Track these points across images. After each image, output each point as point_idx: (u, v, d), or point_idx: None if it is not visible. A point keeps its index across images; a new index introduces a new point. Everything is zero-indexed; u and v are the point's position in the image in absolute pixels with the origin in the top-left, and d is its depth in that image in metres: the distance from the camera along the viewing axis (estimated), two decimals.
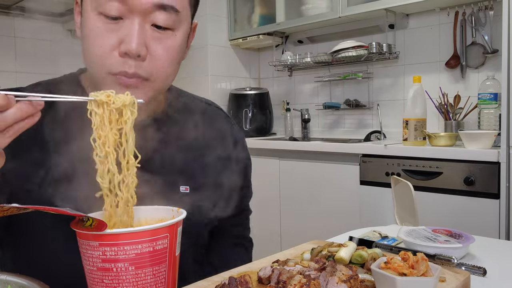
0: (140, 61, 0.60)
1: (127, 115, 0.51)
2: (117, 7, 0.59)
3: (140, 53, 0.59)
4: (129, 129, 0.50)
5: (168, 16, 0.61)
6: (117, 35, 0.60)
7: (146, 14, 0.60)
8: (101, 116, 0.49)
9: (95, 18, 0.60)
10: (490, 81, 1.91)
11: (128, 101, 0.51)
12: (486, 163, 1.62)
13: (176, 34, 0.63)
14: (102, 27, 0.60)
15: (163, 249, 0.47)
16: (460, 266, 0.67)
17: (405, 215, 1.00)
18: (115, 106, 0.50)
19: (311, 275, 0.53)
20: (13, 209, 0.41)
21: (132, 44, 0.58)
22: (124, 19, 0.60)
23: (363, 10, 2.21)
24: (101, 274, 0.45)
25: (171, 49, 0.63)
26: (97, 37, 0.60)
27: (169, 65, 0.64)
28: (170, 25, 0.62)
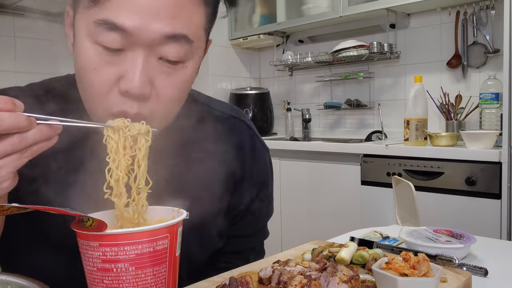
0: (143, 100, 0.51)
1: (142, 142, 0.51)
2: (119, 40, 0.49)
3: (144, 92, 0.50)
4: (142, 156, 0.51)
5: (179, 47, 0.51)
6: (117, 69, 0.50)
7: (153, 46, 0.50)
8: (116, 142, 0.50)
9: (91, 47, 0.50)
10: (491, 80, 1.90)
11: (143, 130, 0.51)
12: (488, 163, 1.62)
13: (187, 65, 0.54)
14: (99, 59, 0.50)
15: (164, 250, 0.47)
16: (461, 266, 0.67)
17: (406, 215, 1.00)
18: (130, 134, 0.51)
19: (312, 276, 0.53)
20: (13, 209, 0.41)
21: (134, 83, 0.49)
22: (125, 51, 0.50)
23: (364, 9, 2.20)
24: (101, 274, 0.45)
25: (180, 84, 0.54)
26: (93, 71, 0.51)
27: (175, 102, 0.56)
28: (181, 57, 0.52)
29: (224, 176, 0.69)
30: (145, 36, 0.49)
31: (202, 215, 0.66)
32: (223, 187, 0.69)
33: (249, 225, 0.75)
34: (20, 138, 0.43)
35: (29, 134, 0.43)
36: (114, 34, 0.49)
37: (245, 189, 0.71)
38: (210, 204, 0.68)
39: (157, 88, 0.52)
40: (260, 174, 0.73)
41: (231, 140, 0.70)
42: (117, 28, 0.48)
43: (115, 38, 0.49)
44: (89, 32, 0.50)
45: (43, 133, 0.44)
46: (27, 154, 0.44)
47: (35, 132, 0.44)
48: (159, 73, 0.52)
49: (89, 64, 0.51)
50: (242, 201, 0.71)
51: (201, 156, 0.67)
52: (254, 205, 0.73)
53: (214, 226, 0.70)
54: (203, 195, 0.67)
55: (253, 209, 0.73)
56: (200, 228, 0.67)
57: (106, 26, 0.49)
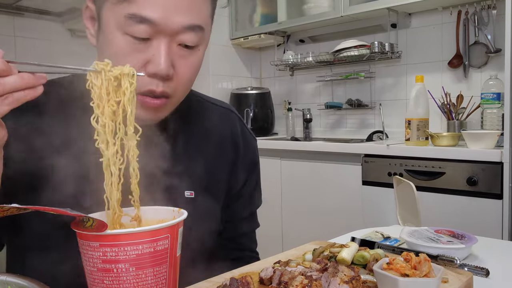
0: (167, 80, 0.60)
1: (126, 85, 0.50)
2: (146, 30, 0.57)
3: (169, 73, 0.59)
4: (128, 100, 0.50)
5: (195, 35, 0.60)
6: (144, 55, 0.59)
7: (174, 35, 0.59)
8: (99, 88, 0.49)
9: (121, 38, 0.58)
10: (493, 80, 1.90)
11: (126, 71, 0.50)
12: (489, 163, 1.62)
13: (200, 49, 0.63)
14: (128, 47, 0.58)
15: (164, 250, 0.47)
16: (462, 267, 0.66)
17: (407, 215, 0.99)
18: (113, 75, 0.49)
19: (313, 276, 0.53)
20: (13, 209, 0.41)
21: (161, 66, 0.58)
22: (151, 39, 0.58)
23: (365, 9, 2.20)
24: (102, 275, 0.45)
25: (194, 65, 0.64)
26: (124, 56, 0.58)
27: (190, 81, 0.65)
28: (196, 43, 0.61)
29: (223, 160, 0.76)
30: (169, 26, 0.58)
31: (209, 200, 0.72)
32: (223, 171, 0.76)
33: (240, 209, 0.80)
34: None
35: (8, 80, 0.43)
36: (143, 25, 0.57)
37: (239, 171, 0.78)
38: (214, 188, 0.74)
39: (177, 70, 0.61)
40: (250, 157, 0.81)
41: (226, 127, 0.78)
42: (145, 21, 0.56)
43: (144, 29, 0.57)
44: (119, 25, 0.58)
45: (24, 80, 0.44)
46: (8, 100, 0.44)
47: (15, 78, 0.43)
48: (179, 57, 0.61)
49: (121, 52, 0.58)
50: (237, 183, 0.78)
51: (201, 143, 0.73)
52: (245, 188, 0.80)
53: (218, 209, 0.75)
54: (208, 180, 0.73)
55: (244, 192, 0.80)
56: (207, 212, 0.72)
57: (136, 19, 0.56)
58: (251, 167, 0.81)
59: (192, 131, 0.74)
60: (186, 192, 0.70)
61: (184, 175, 0.69)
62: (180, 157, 0.70)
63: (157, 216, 0.54)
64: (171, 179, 0.66)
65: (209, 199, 0.73)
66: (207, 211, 0.72)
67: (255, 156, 0.83)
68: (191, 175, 0.70)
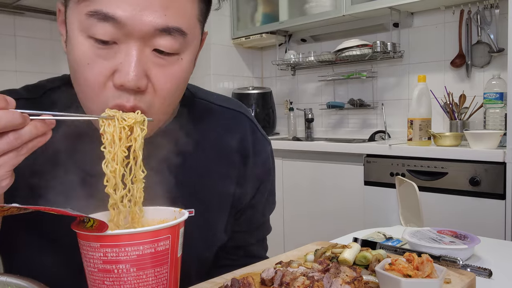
0: (139, 93, 0.51)
1: (137, 132, 0.51)
2: (111, 31, 0.48)
3: (140, 85, 0.50)
4: (139, 147, 0.51)
5: (173, 40, 0.51)
6: (111, 62, 0.50)
7: (147, 38, 0.50)
8: (111, 134, 0.49)
9: (83, 42, 0.50)
10: (495, 80, 1.89)
11: (139, 119, 0.51)
12: (492, 163, 1.61)
13: (182, 57, 0.53)
14: (92, 53, 0.50)
15: (165, 251, 0.47)
16: (465, 267, 0.66)
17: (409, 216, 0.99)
18: (126, 124, 0.50)
19: (314, 277, 0.53)
20: (13, 209, 0.41)
21: (129, 76, 0.49)
22: (119, 43, 0.49)
23: (367, 8, 2.19)
24: (102, 275, 0.45)
25: (176, 76, 0.53)
26: (87, 65, 0.50)
27: (173, 95, 0.55)
28: (176, 49, 0.52)
29: (227, 171, 0.69)
30: (138, 28, 0.49)
31: (208, 212, 0.67)
32: (227, 182, 0.69)
33: (250, 219, 0.74)
34: (16, 136, 0.42)
35: (24, 131, 0.43)
36: (106, 25, 0.48)
37: (248, 183, 0.71)
38: (215, 200, 0.68)
39: (153, 81, 0.52)
40: (262, 167, 0.73)
41: (234, 134, 0.70)
42: (108, 18, 0.48)
43: (107, 29, 0.48)
44: (81, 26, 0.50)
45: (37, 129, 0.44)
46: (23, 151, 0.44)
47: (30, 129, 0.43)
48: (154, 66, 0.52)
49: (83, 59, 0.50)
50: (245, 195, 0.71)
51: (203, 152, 0.67)
52: (256, 199, 0.73)
53: (220, 221, 0.70)
54: (208, 191, 0.67)
55: (254, 203, 0.73)
56: (206, 225, 0.67)
57: (98, 17, 0.48)
58: (262, 176, 0.73)
59: (194, 142, 0.65)
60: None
61: (182, 191, 0.63)
62: (178, 171, 0.62)
63: (158, 216, 0.54)
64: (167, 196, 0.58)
65: (210, 216, 0.67)
66: (207, 228, 0.68)
67: (267, 165, 0.74)
68: (190, 191, 0.65)
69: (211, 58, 2.77)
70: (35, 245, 0.62)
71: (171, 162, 0.61)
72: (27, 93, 0.62)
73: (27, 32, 2.39)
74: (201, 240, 0.67)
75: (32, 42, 2.40)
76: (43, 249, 0.62)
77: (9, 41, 2.35)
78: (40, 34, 2.41)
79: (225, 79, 2.88)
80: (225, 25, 2.83)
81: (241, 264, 0.68)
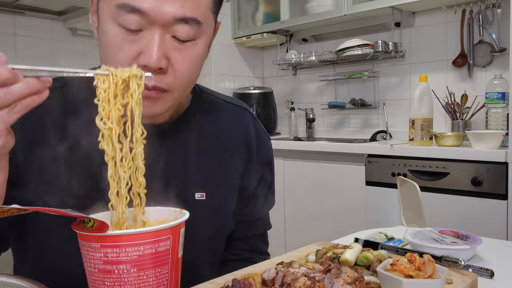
0: (160, 73, 0.58)
1: (133, 87, 0.49)
2: (137, 21, 0.56)
3: (161, 66, 0.57)
4: (136, 102, 0.49)
5: (189, 28, 0.58)
6: (137, 46, 0.57)
7: (167, 26, 0.57)
8: (105, 90, 0.47)
9: (113, 28, 0.57)
10: (497, 80, 1.89)
11: (134, 72, 0.50)
12: (494, 163, 1.60)
13: (197, 43, 0.61)
14: (120, 38, 0.57)
15: (166, 251, 0.46)
16: (467, 268, 0.66)
17: (411, 216, 0.99)
18: (121, 77, 0.48)
19: (316, 277, 0.53)
20: (13, 210, 0.41)
21: (152, 57, 0.56)
22: (143, 30, 0.57)
23: (369, 8, 2.19)
24: (103, 276, 0.45)
25: (193, 59, 0.61)
26: (116, 48, 0.57)
27: (190, 75, 0.62)
28: (192, 36, 0.59)
29: (235, 160, 0.74)
30: (160, 17, 0.56)
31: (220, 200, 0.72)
32: (235, 171, 0.74)
33: (253, 210, 0.78)
34: (5, 91, 0.42)
35: (15, 87, 0.42)
36: (133, 15, 0.56)
37: (253, 172, 0.76)
38: (225, 189, 0.73)
39: (172, 63, 0.59)
40: (264, 158, 0.79)
41: (239, 127, 0.76)
42: (135, 10, 0.55)
43: (134, 19, 0.56)
44: (111, 15, 0.57)
45: (30, 86, 0.43)
46: (16, 109, 0.43)
47: (21, 85, 0.42)
48: (174, 50, 0.59)
49: (113, 43, 0.57)
50: (250, 184, 0.76)
51: (213, 141, 0.72)
52: (258, 189, 0.78)
53: (230, 210, 0.74)
54: (219, 178, 0.72)
55: (257, 193, 0.78)
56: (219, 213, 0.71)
57: (126, 9, 0.55)
58: (265, 167, 0.79)
59: (204, 131, 0.72)
60: (196, 194, 0.69)
61: (195, 176, 0.68)
62: (191, 157, 0.69)
63: (159, 216, 0.54)
64: (181, 180, 0.65)
65: (220, 201, 0.72)
66: (218, 213, 0.71)
67: (269, 156, 0.81)
68: (202, 176, 0.69)
69: (211, 58, 2.76)
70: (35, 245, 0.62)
71: (183, 151, 0.66)
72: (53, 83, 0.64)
73: (27, 31, 2.39)
74: (211, 226, 0.70)
75: (32, 41, 2.40)
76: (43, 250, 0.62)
77: (9, 40, 2.35)
78: (40, 34, 2.41)
79: (226, 79, 2.88)
80: (226, 25, 2.82)
81: (244, 258, 0.71)
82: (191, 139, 0.70)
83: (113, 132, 0.47)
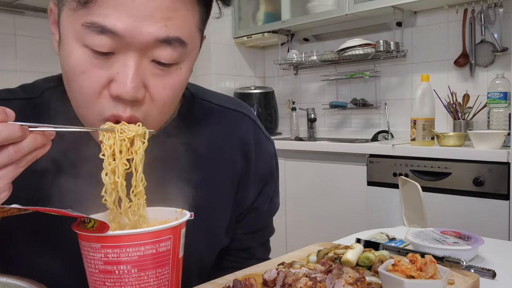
0: (136, 104, 0.50)
1: (138, 145, 0.50)
2: (109, 44, 0.47)
3: (137, 96, 0.49)
4: (140, 160, 0.50)
5: (172, 51, 0.49)
6: (108, 72, 0.48)
7: (146, 49, 0.48)
8: (111, 147, 0.49)
9: (79, 50, 0.48)
10: (499, 80, 1.88)
11: (140, 132, 0.50)
12: (496, 163, 1.60)
13: (181, 67, 0.52)
14: (88, 62, 0.48)
15: (167, 251, 0.46)
16: (469, 268, 0.66)
17: (413, 216, 0.98)
18: (127, 136, 0.49)
19: (317, 278, 0.52)
20: (13, 210, 0.41)
21: (127, 87, 0.47)
22: (116, 53, 0.48)
23: (370, 7, 2.19)
24: (103, 276, 0.44)
25: (174, 86, 0.52)
26: (82, 74, 0.48)
27: (171, 103, 0.54)
28: (175, 59, 0.50)
29: (229, 173, 0.68)
30: (138, 39, 0.47)
31: (209, 215, 0.66)
32: (229, 185, 0.68)
33: (253, 222, 0.73)
34: (15, 149, 0.42)
35: (24, 144, 0.43)
36: (103, 37, 0.46)
37: (250, 185, 0.70)
38: (216, 203, 0.67)
39: (150, 91, 0.51)
40: (265, 169, 0.72)
41: (235, 135, 0.68)
42: (106, 31, 0.46)
43: (105, 42, 0.46)
44: (76, 35, 0.48)
45: (37, 141, 0.43)
46: (22, 163, 0.43)
47: (29, 141, 0.43)
48: (153, 76, 0.50)
49: (78, 68, 0.49)
50: (247, 198, 0.70)
51: (202, 154, 0.66)
52: (258, 201, 0.72)
53: (221, 224, 0.69)
54: (209, 194, 0.66)
55: (257, 205, 0.72)
56: (208, 228, 0.66)
57: (95, 29, 0.46)
58: (265, 178, 0.72)
59: (193, 143, 0.64)
60: None
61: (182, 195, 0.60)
62: (177, 174, 0.61)
63: (159, 217, 0.54)
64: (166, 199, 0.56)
65: (210, 218, 0.66)
66: (207, 230, 0.66)
67: (270, 167, 0.73)
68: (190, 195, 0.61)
69: (212, 58, 2.76)
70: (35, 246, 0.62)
71: (169, 164, 0.60)
72: (24, 93, 0.61)
73: (27, 31, 2.39)
74: (202, 243, 0.66)
75: (32, 41, 2.40)
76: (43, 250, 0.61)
77: (9, 40, 2.35)
78: (40, 33, 2.41)
79: (227, 79, 2.87)
80: (226, 24, 2.82)
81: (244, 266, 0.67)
82: (177, 152, 0.61)
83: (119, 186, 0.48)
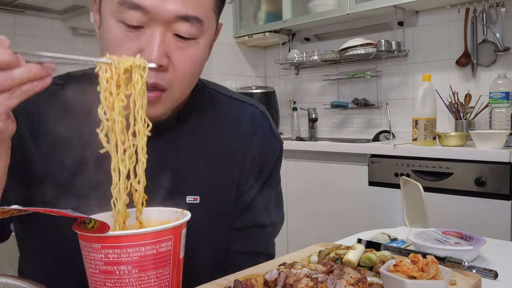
0: (161, 71, 0.58)
1: (136, 77, 0.48)
2: (138, 17, 0.56)
3: (162, 63, 0.57)
4: (138, 93, 0.48)
5: (191, 26, 0.58)
6: (137, 43, 0.57)
7: (169, 24, 0.57)
8: (108, 80, 0.47)
9: (114, 25, 0.57)
10: (501, 79, 1.88)
11: (137, 62, 0.49)
12: (498, 163, 1.59)
13: (199, 42, 0.60)
14: (121, 35, 0.57)
15: (167, 252, 0.46)
16: (470, 269, 0.65)
17: (414, 216, 0.98)
18: (123, 66, 0.47)
19: (318, 278, 0.52)
20: (13, 211, 0.41)
21: (153, 55, 0.56)
22: (145, 27, 0.57)
23: (372, 7, 2.18)
24: (104, 277, 0.44)
25: (194, 58, 0.61)
26: (117, 45, 0.57)
27: (191, 74, 0.62)
28: (194, 35, 0.59)
29: (233, 160, 0.71)
30: (161, 15, 0.56)
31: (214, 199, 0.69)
32: (231, 174, 0.71)
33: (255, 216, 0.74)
34: (5, 76, 0.41)
35: (16, 72, 0.42)
36: (134, 12, 0.56)
37: (249, 174, 0.72)
38: (220, 188, 0.70)
39: (173, 61, 0.58)
40: (267, 163, 0.75)
41: (241, 126, 0.73)
42: (136, 7, 0.55)
43: (135, 16, 0.56)
44: (113, 12, 0.57)
45: (32, 72, 0.42)
46: (16, 94, 0.43)
47: (22, 70, 0.42)
48: (175, 48, 0.58)
49: (114, 40, 0.57)
50: (246, 185, 0.72)
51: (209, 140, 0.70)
52: (260, 197, 0.74)
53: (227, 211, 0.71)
54: (214, 181, 0.69)
55: (259, 199, 0.74)
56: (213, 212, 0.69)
57: (127, 5, 0.56)
58: (264, 168, 0.74)
59: (200, 130, 0.69)
60: (188, 197, 0.67)
61: (188, 178, 0.66)
62: (185, 158, 0.66)
63: (160, 217, 0.53)
64: (173, 182, 0.62)
65: (216, 204, 0.69)
66: (213, 217, 0.69)
67: (272, 161, 0.76)
68: (196, 179, 0.67)
69: (213, 57, 2.76)
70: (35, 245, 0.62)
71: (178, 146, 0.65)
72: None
73: (27, 30, 2.39)
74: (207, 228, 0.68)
75: (32, 41, 2.40)
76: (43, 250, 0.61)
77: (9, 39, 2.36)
78: (40, 33, 2.41)
79: (228, 78, 2.87)
80: (227, 24, 2.82)
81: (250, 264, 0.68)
82: (184, 138, 0.68)
83: (117, 125, 0.46)
